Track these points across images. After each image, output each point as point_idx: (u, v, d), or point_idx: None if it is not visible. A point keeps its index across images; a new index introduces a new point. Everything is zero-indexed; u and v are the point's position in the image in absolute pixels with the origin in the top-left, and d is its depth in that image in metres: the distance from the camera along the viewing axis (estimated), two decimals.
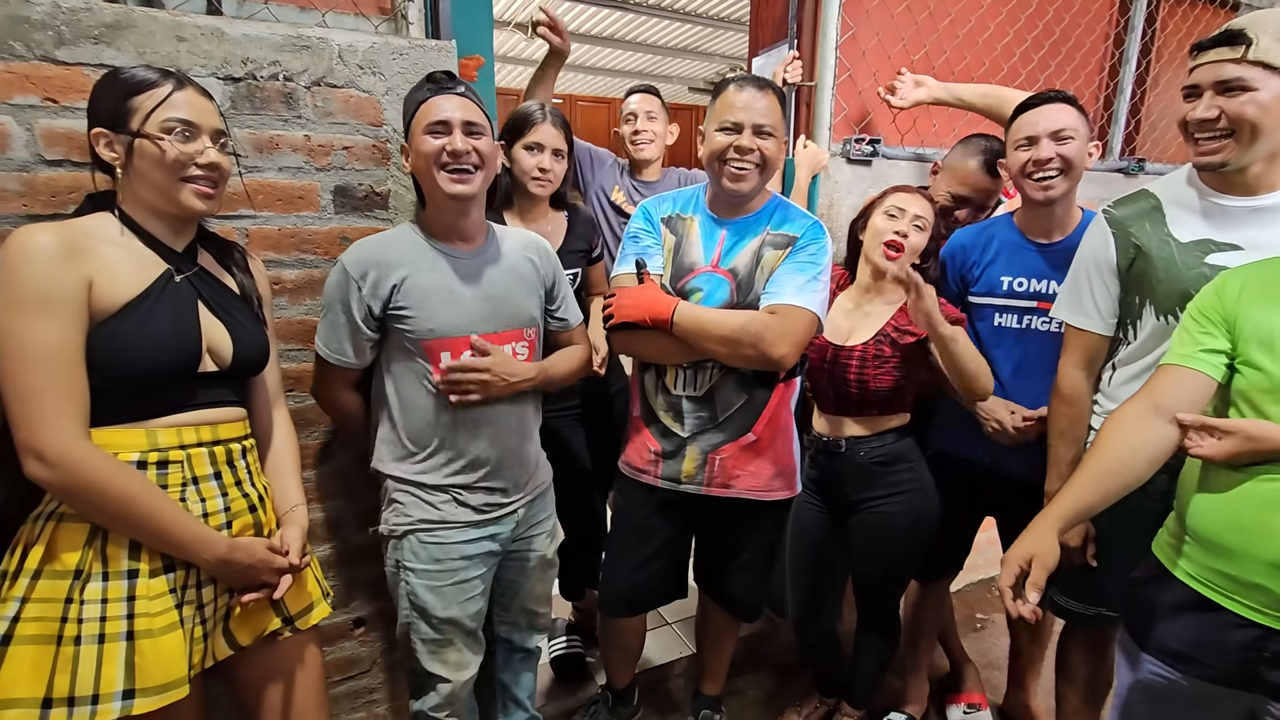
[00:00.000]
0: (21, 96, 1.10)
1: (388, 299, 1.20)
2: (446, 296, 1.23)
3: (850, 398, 1.56)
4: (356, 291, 1.19)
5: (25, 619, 0.91)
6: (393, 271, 1.20)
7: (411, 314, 1.21)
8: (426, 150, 1.18)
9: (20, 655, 0.90)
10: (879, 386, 1.53)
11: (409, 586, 1.29)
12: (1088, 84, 2.50)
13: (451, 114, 1.18)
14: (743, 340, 1.30)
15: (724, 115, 1.35)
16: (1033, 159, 1.45)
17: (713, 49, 6.48)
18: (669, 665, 2.13)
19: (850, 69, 1.96)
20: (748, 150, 1.33)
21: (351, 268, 1.20)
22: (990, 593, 2.61)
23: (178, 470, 1.00)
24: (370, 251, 1.22)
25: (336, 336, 1.23)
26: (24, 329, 0.88)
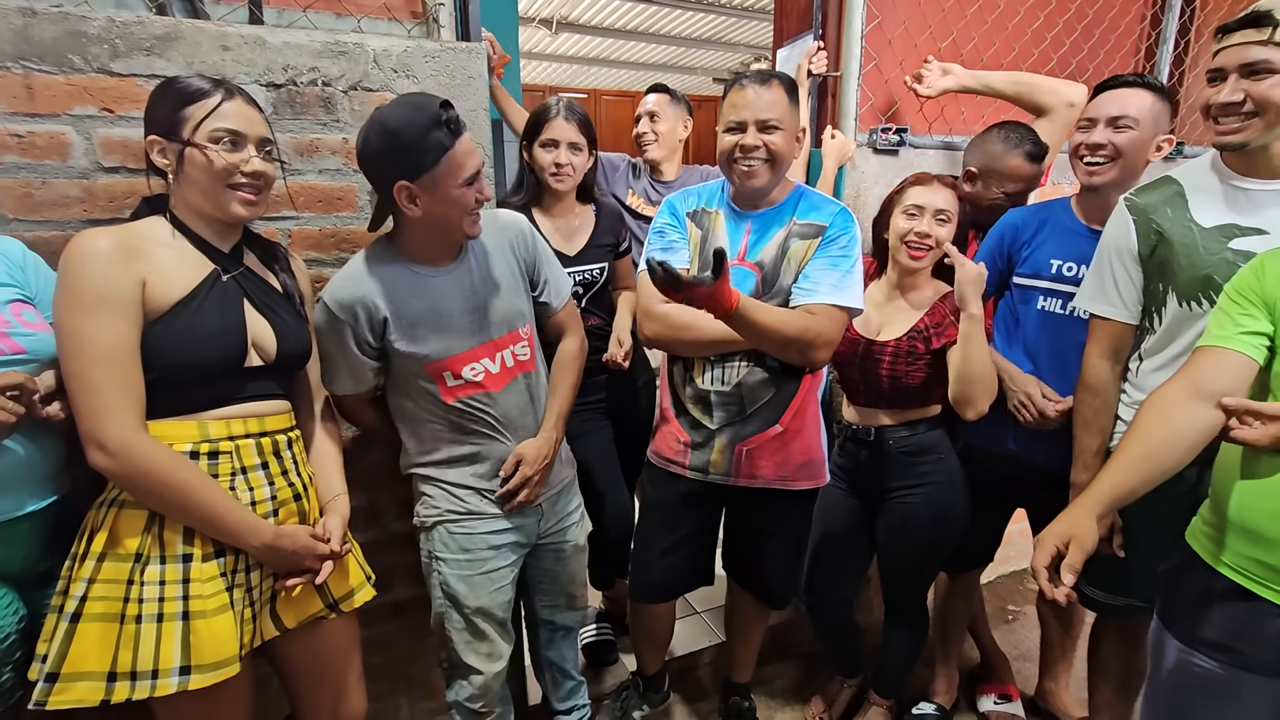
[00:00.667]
0: (81, 107, 1.16)
1: (381, 331, 1.22)
2: (434, 323, 1.23)
3: (881, 391, 1.57)
4: (350, 331, 1.21)
5: (92, 598, 0.97)
6: (378, 306, 1.20)
7: (405, 345, 1.23)
8: (466, 203, 1.17)
9: (88, 631, 0.96)
10: (910, 383, 1.53)
11: (441, 576, 1.34)
12: (1123, 66, 2.44)
13: (480, 163, 1.19)
14: (801, 340, 1.31)
15: (728, 115, 1.37)
16: (1085, 142, 1.43)
17: (737, 39, 6.43)
18: (698, 653, 2.17)
19: (876, 58, 1.95)
20: (752, 147, 1.34)
21: (339, 310, 1.19)
22: (1022, 585, 2.59)
23: (227, 460, 1.06)
24: (350, 288, 1.20)
25: (339, 376, 1.26)
26: (85, 328, 0.94)
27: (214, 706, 1.05)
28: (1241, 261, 1.18)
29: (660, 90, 2.09)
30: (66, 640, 0.95)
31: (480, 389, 1.28)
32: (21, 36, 1.11)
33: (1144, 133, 1.40)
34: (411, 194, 1.14)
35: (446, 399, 1.27)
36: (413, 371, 1.26)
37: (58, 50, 1.13)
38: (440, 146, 1.11)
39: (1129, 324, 1.34)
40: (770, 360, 1.41)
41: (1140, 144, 1.41)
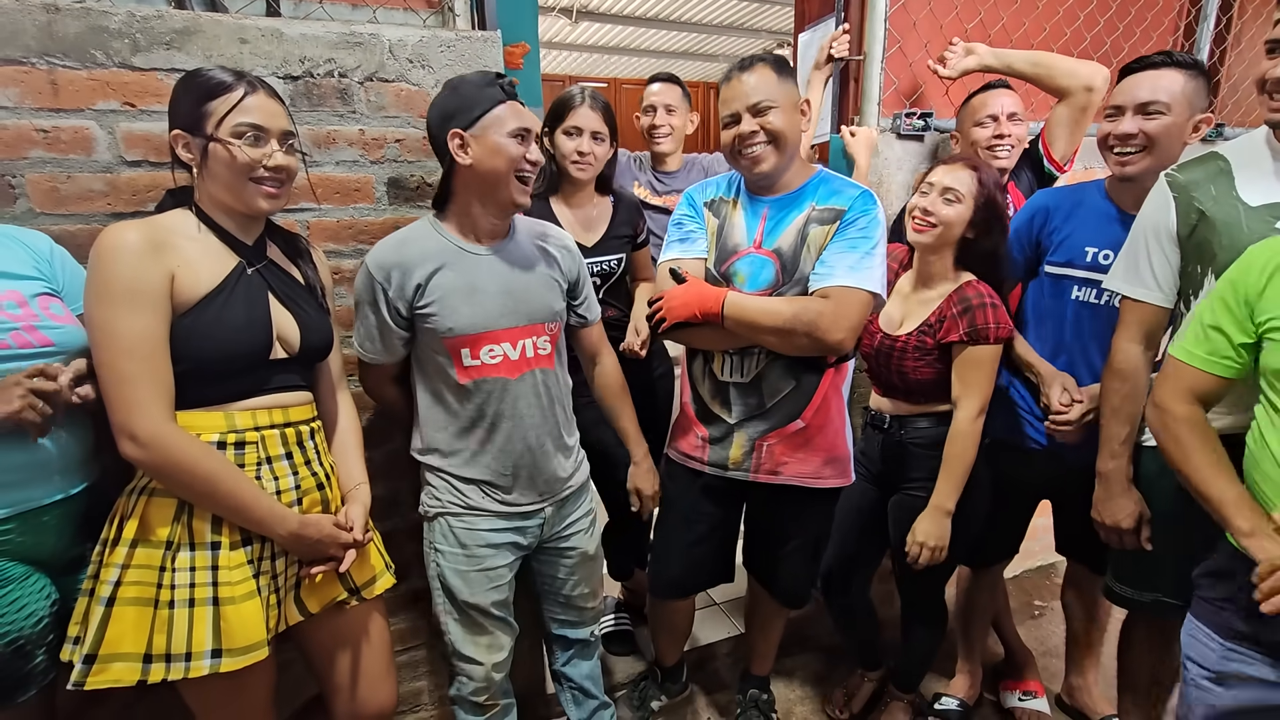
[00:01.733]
0: (104, 102, 1.18)
1: (412, 298, 1.23)
2: (467, 295, 1.24)
3: (896, 385, 1.55)
4: (383, 293, 1.22)
5: (126, 583, 1.00)
6: (414, 271, 1.22)
7: (434, 312, 1.23)
8: (512, 153, 1.19)
9: (123, 615, 0.99)
10: (920, 378, 1.50)
11: (439, 569, 1.34)
12: (1160, 45, 2.35)
13: (533, 124, 1.22)
14: (796, 329, 1.28)
15: (723, 111, 1.35)
16: (1113, 132, 1.37)
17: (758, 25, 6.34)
18: (716, 645, 2.16)
19: (900, 41, 1.91)
20: (750, 134, 1.31)
21: (375, 270, 1.22)
22: (1048, 580, 2.54)
23: (253, 450, 1.08)
24: (391, 252, 1.23)
25: (370, 336, 1.28)
26: (116, 321, 0.96)
27: (240, 689, 1.07)
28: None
29: (670, 80, 2.06)
30: (103, 623, 0.98)
31: (495, 373, 1.28)
32: (46, 33, 1.12)
33: (1177, 116, 1.33)
34: (463, 141, 1.19)
35: (461, 379, 1.27)
36: (433, 347, 1.27)
37: (80, 46, 1.14)
38: (492, 99, 1.19)
39: (1162, 308, 1.29)
40: None
41: (1174, 129, 1.34)
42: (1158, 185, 1.28)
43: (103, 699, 1.19)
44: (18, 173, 1.15)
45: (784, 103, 1.31)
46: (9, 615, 0.99)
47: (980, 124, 1.70)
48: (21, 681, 1.01)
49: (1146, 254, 1.28)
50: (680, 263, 1.41)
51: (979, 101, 1.72)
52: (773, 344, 1.33)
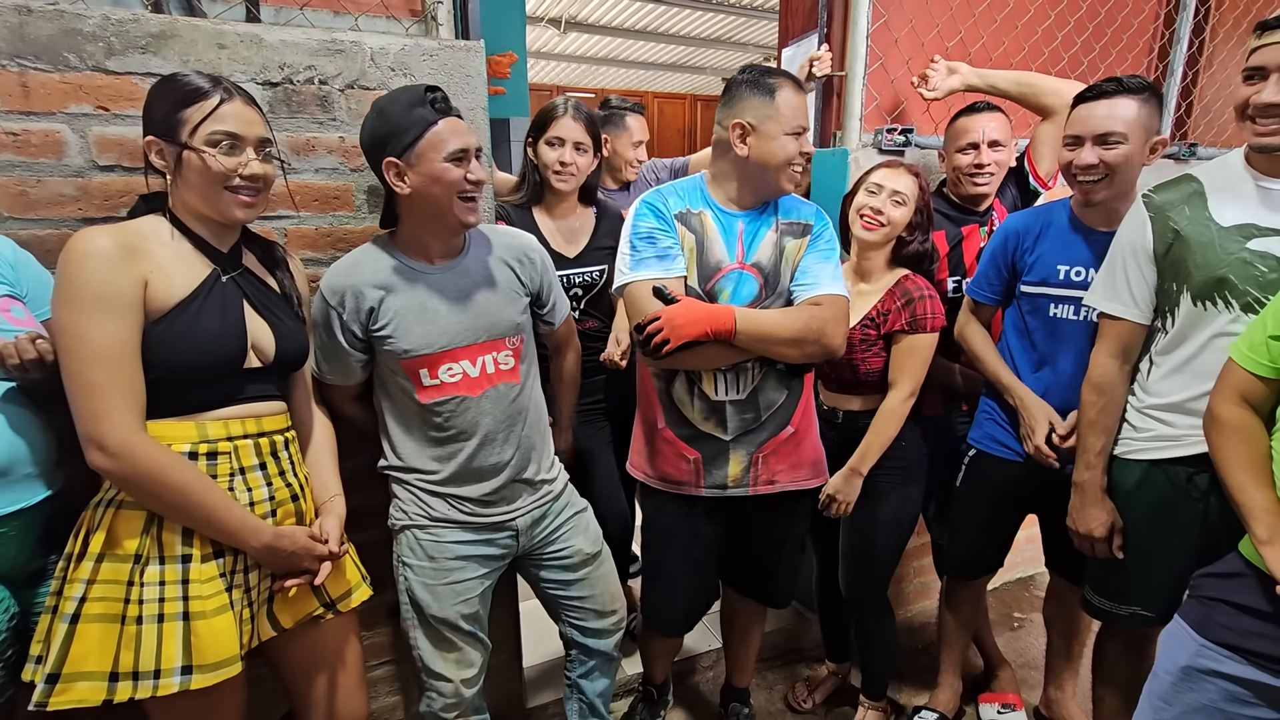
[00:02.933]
0: (76, 105, 1.16)
1: (367, 321, 1.22)
2: (420, 315, 1.22)
3: (847, 378, 1.61)
4: (337, 317, 1.21)
5: (91, 599, 0.97)
6: (367, 295, 1.21)
7: (389, 334, 1.22)
8: (450, 179, 1.16)
9: (88, 632, 0.96)
10: (870, 369, 1.57)
11: (406, 582, 1.32)
12: (1135, 66, 2.40)
13: (471, 143, 1.18)
14: (807, 338, 1.31)
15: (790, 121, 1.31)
16: (1074, 162, 1.39)
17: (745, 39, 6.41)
18: (697, 658, 2.15)
19: (882, 58, 1.93)
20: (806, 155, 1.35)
21: (329, 295, 1.21)
22: (1028, 591, 2.55)
23: (226, 461, 1.06)
24: (343, 275, 1.22)
25: (326, 359, 1.26)
26: (86, 327, 0.93)
27: (210, 707, 1.04)
28: (1259, 263, 1.15)
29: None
30: (67, 641, 0.95)
31: (456, 391, 1.26)
32: (17, 34, 1.10)
33: (1134, 143, 1.36)
34: (399, 170, 1.16)
35: (422, 399, 1.25)
36: (391, 368, 1.25)
37: (53, 48, 1.13)
38: (423, 121, 1.14)
39: (1139, 324, 1.32)
40: (779, 362, 1.39)
41: (1133, 155, 1.37)
42: (1135, 206, 1.31)
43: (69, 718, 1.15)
44: None
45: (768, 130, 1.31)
46: None
47: (962, 150, 1.72)
48: None
49: (1124, 272, 1.31)
50: (664, 282, 1.33)
51: (962, 126, 1.73)
52: (787, 355, 1.34)
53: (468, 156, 1.18)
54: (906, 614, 2.36)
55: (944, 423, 1.82)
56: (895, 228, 1.55)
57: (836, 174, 1.90)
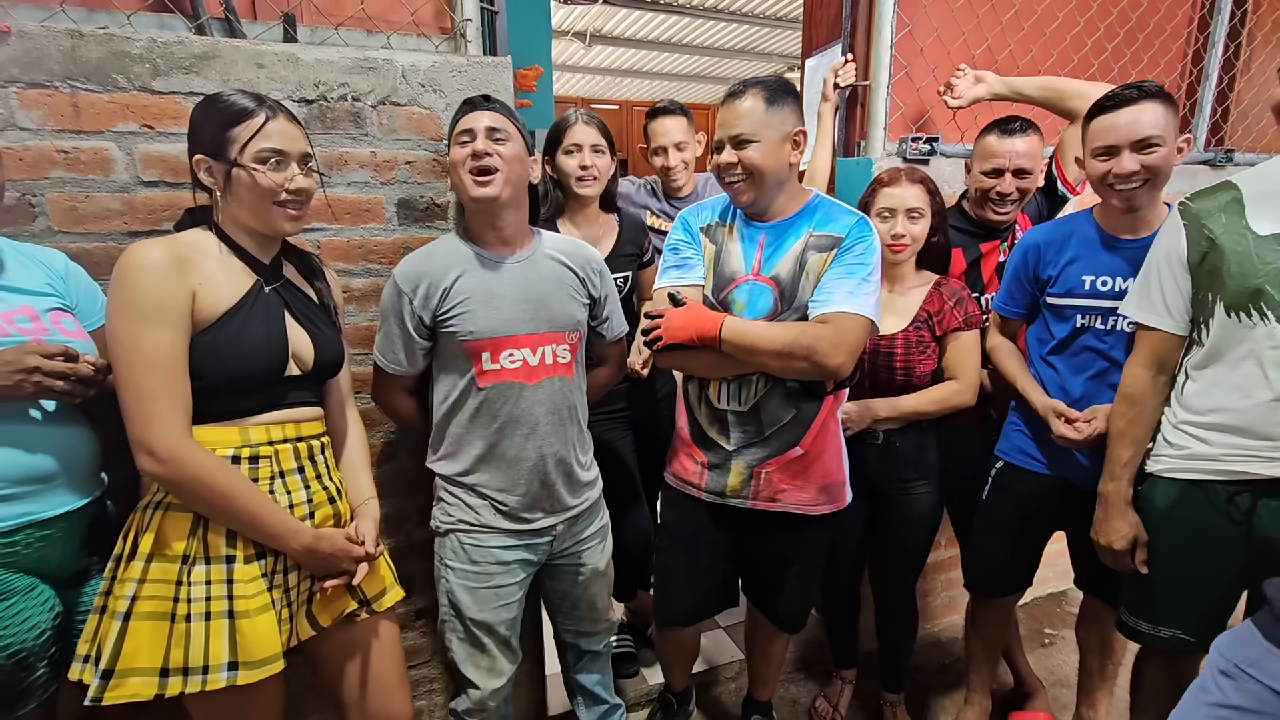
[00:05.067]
0: (123, 124, 1.21)
1: (437, 307, 1.26)
2: (486, 299, 1.27)
3: (892, 384, 1.59)
4: (408, 304, 1.25)
5: (142, 598, 1.00)
6: (440, 279, 1.26)
7: (457, 314, 1.26)
8: (455, 157, 1.25)
9: (139, 630, 0.99)
10: (924, 371, 1.58)
11: (447, 584, 1.35)
12: (1168, 71, 2.36)
13: (476, 123, 1.23)
14: (795, 353, 1.27)
15: (715, 133, 1.35)
16: (1114, 172, 1.35)
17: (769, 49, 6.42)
18: (719, 669, 2.14)
19: (906, 66, 1.92)
20: (728, 165, 1.31)
21: (402, 282, 1.26)
22: (1059, 607, 2.49)
23: (267, 465, 1.09)
24: (418, 264, 1.28)
25: (392, 347, 1.30)
26: (140, 337, 0.97)
27: (251, 703, 1.07)
28: None
29: (672, 112, 1.95)
30: (119, 638, 0.98)
31: (514, 378, 1.29)
32: (70, 57, 1.16)
33: (1169, 145, 1.34)
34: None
35: (480, 382, 1.28)
36: (454, 352, 1.28)
37: (103, 70, 1.18)
38: None
39: (1175, 335, 1.29)
40: (789, 380, 1.36)
41: (1169, 157, 1.35)
42: (1171, 214, 1.29)
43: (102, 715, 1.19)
44: (38, 192, 1.18)
45: (765, 137, 1.28)
46: (12, 627, 0.99)
47: (986, 173, 1.68)
48: (22, 694, 1.01)
49: (1159, 281, 1.29)
50: (677, 289, 1.39)
51: (989, 148, 1.67)
52: (772, 368, 1.32)
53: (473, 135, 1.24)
54: (934, 628, 2.32)
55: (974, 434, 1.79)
56: (920, 241, 1.58)
57: (861, 183, 1.89)
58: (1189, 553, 1.28)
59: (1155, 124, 1.32)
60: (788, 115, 1.30)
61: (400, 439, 1.53)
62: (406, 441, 1.53)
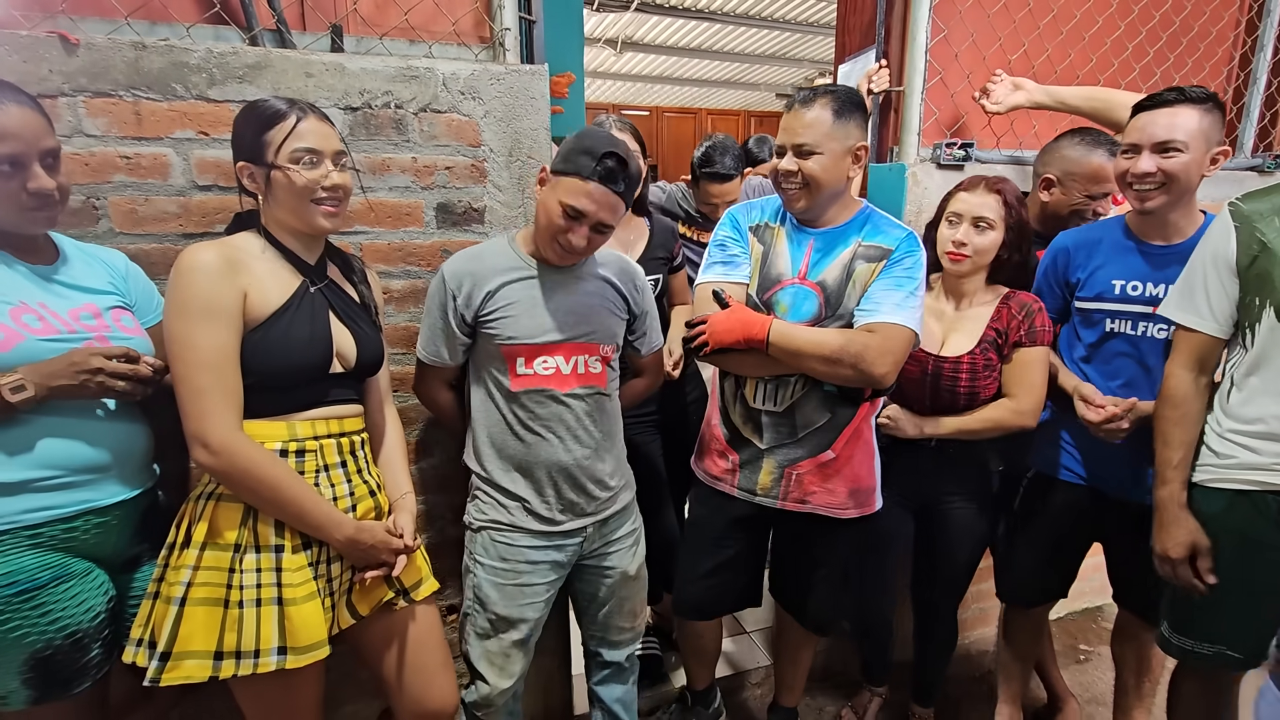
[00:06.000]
0: (180, 131, 1.27)
1: (480, 308, 1.29)
2: (529, 306, 1.30)
3: (956, 406, 1.54)
4: (452, 300, 1.29)
5: (196, 584, 1.05)
6: (485, 282, 1.29)
7: (496, 320, 1.29)
8: (554, 221, 1.23)
9: (194, 615, 1.04)
10: (988, 396, 1.53)
11: (475, 579, 1.37)
12: (1214, 75, 2.30)
13: (591, 210, 1.21)
14: (843, 360, 1.28)
15: (777, 139, 1.37)
16: (1130, 170, 1.36)
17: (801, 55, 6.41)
18: (746, 674, 2.13)
19: (941, 72, 1.91)
20: (789, 173, 1.32)
21: (450, 279, 1.30)
22: (1095, 623, 2.43)
23: (312, 458, 1.14)
24: (466, 264, 1.31)
25: (434, 340, 1.33)
26: (195, 335, 1.02)
27: (296, 688, 1.12)
28: None
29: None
30: (176, 622, 1.03)
31: (546, 384, 1.32)
32: (133, 68, 1.22)
33: (1194, 153, 1.31)
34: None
35: (513, 386, 1.31)
36: (490, 353, 1.31)
37: (163, 79, 1.24)
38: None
39: (1216, 338, 1.26)
40: (827, 385, 1.37)
41: (1192, 165, 1.32)
42: (1221, 214, 1.26)
43: (151, 695, 1.24)
44: (102, 195, 1.25)
45: (831, 149, 1.29)
46: (70, 609, 1.04)
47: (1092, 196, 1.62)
48: (78, 673, 1.06)
49: (1203, 283, 1.26)
50: (722, 286, 1.41)
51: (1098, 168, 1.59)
52: (817, 372, 1.32)
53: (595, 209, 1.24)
54: (965, 640, 2.28)
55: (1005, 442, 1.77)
56: (984, 254, 1.48)
57: (894, 189, 1.88)
58: (1237, 566, 1.25)
59: (1184, 130, 1.31)
60: (853, 129, 1.31)
61: (434, 437, 1.56)
62: (440, 440, 1.56)
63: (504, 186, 1.51)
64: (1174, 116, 1.32)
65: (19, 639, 1.00)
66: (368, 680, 1.33)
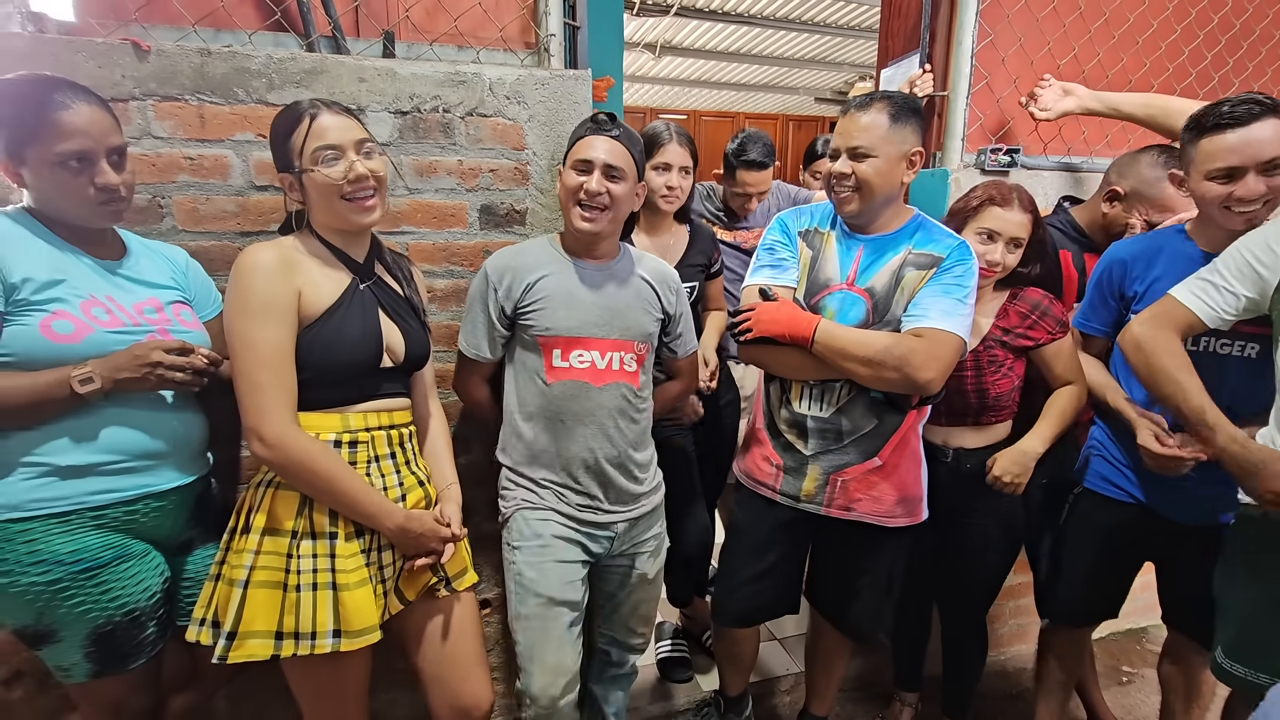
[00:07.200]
0: (241, 134, 1.32)
1: (519, 300, 1.32)
2: (566, 299, 1.32)
3: (968, 407, 1.53)
4: (494, 294, 1.33)
5: (258, 568, 1.10)
6: (526, 276, 1.32)
7: (534, 312, 1.32)
8: (569, 184, 1.30)
9: (256, 597, 1.09)
10: (999, 391, 1.51)
11: (515, 566, 1.37)
12: (1276, 81, 2.22)
13: (597, 155, 1.28)
14: (886, 362, 1.27)
15: (832, 141, 1.36)
16: (1237, 195, 1.26)
17: (841, 59, 6.35)
18: (775, 680, 2.12)
19: (987, 77, 1.88)
20: (840, 175, 1.32)
21: (492, 273, 1.34)
22: (1139, 644, 2.35)
23: (364, 449, 1.17)
24: (509, 259, 1.35)
25: (475, 333, 1.37)
26: (254, 333, 1.07)
27: (346, 671, 1.15)
28: None
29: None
30: (240, 604, 1.08)
31: (581, 377, 1.33)
32: (199, 73, 1.28)
33: None
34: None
35: (549, 378, 1.33)
36: (528, 345, 1.34)
37: (225, 84, 1.30)
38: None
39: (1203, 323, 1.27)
40: (874, 391, 1.36)
41: None
42: (1275, 222, 1.22)
43: (202, 674, 1.29)
44: (167, 194, 1.31)
45: (883, 153, 1.30)
46: (129, 588, 1.10)
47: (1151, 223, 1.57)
48: (135, 649, 1.12)
49: (1225, 279, 1.24)
50: (770, 287, 1.41)
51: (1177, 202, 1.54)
52: (861, 375, 1.31)
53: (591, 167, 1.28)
54: (1000, 656, 2.23)
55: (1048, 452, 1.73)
56: (1009, 269, 1.50)
57: (936, 194, 1.86)
58: None
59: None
60: (909, 134, 1.31)
61: (471, 433, 1.60)
62: (477, 435, 1.59)
63: (545, 189, 1.54)
64: (1267, 129, 1.24)
65: (83, 614, 1.06)
66: (403, 670, 1.36)
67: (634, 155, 1.32)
